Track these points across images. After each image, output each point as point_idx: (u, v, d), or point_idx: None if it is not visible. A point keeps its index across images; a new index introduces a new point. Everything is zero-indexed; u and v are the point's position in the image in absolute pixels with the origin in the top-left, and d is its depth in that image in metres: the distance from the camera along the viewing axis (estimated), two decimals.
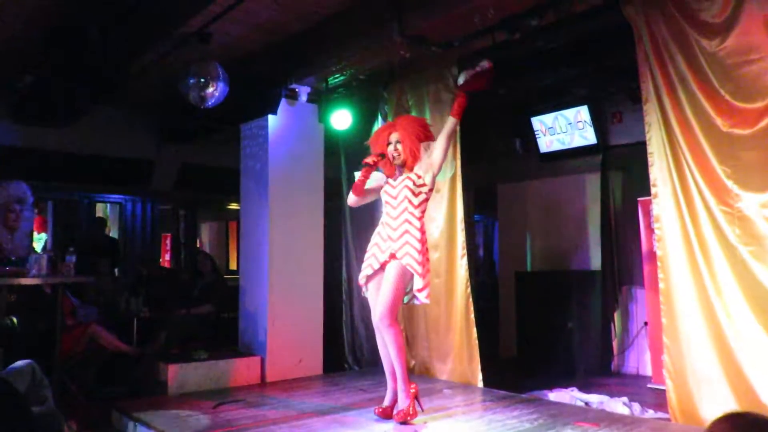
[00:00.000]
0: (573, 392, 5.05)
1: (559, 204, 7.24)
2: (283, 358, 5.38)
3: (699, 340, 3.67)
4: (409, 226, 3.79)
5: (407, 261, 3.72)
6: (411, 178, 3.84)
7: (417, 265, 3.70)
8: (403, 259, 3.72)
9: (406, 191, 3.83)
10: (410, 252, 3.73)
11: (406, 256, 3.72)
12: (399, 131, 3.90)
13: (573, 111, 6.66)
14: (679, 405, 3.78)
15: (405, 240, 3.76)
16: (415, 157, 3.88)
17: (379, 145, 3.95)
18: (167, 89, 5.39)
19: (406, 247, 3.74)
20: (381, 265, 3.85)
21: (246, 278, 5.72)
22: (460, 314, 5.18)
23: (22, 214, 4.84)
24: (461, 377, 5.15)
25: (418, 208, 3.83)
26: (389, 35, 4.43)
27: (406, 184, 3.84)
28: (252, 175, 5.70)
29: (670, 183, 3.81)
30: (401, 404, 3.81)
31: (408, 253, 3.72)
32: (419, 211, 3.84)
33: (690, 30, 3.68)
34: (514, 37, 4.32)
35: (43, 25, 4.85)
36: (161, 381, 4.83)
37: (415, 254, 3.72)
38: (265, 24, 4.78)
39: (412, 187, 3.82)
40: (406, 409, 3.78)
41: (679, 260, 3.78)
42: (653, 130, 3.90)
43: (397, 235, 3.80)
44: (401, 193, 3.85)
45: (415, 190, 3.82)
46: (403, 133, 3.88)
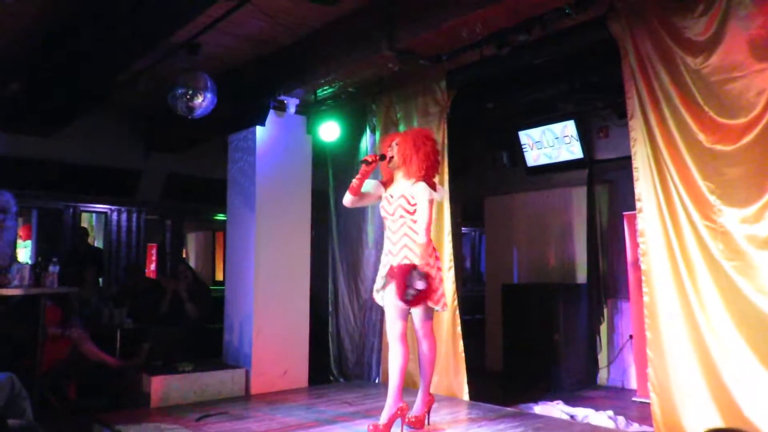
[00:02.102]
0: (559, 405, 5.06)
1: (546, 217, 7.28)
2: (268, 370, 5.34)
3: (683, 354, 3.69)
4: (408, 240, 3.80)
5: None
6: (406, 198, 3.84)
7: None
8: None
9: (401, 210, 3.85)
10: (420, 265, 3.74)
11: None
12: (401, 137, 4.01)
13: (560, 125, 6.73)
14: (663, 418, 3.78)
15: (404, 254, 3.78)
16: (408, 162, 3.87)
17: (382, 148, 4.05)
18: (155, 99, 5.38)
19: (406, 261, 3.75)
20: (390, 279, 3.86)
21: (231, 289, 5.69)
22: (447, 327, 5.17)
23: (6, 224, 4.79)
24: (447, 390, 5.13)
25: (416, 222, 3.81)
26: (378, 48, 4.46)
27: (400, 203, 3.86)
28: (239, 186, 5.68)
29: (655, 198, 3.84)
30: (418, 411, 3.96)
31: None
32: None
33: (675, 47, 3.74)
34: (501, 51, 4.36)
35: (29, 35, 4.83)
36: (144, 393, 4.77)
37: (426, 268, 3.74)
38: (253, 35, 4.80)
39: (406, 206, 3.84)
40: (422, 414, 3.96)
41: (663, 274, 3.80)
42: (638, 146, 3.94)
43: (396, 249, 3.83)
44: (397, 211, 3.87)
45: (410, 209, 3.83)
46: (403, 138, 3.98)
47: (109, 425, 4.12)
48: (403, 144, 3.92)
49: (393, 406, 3.79)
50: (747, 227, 3.46)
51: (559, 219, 7.16)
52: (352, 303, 6.13)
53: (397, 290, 3.64)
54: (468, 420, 4.35)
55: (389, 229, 3.91)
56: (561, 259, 7.11)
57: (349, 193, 3.98)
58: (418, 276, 3.60)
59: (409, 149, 3.88)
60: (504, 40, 4.31)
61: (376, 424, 3.75)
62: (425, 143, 3.92)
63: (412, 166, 3.88)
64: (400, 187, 3.92)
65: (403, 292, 3.59)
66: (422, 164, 3.87)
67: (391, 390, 3.81)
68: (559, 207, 7.17)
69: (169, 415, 4.35)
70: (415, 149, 3.88)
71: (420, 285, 3.59)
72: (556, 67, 5.18)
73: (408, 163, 3.89)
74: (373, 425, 3.76)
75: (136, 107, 6.64)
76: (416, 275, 3.60)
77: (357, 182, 3.93)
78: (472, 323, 7.12)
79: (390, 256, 3.85)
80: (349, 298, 6.15)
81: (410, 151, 3.88)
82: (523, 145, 7.07)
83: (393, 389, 3.80)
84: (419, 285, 3.58)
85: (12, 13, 4.44)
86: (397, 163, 3.93)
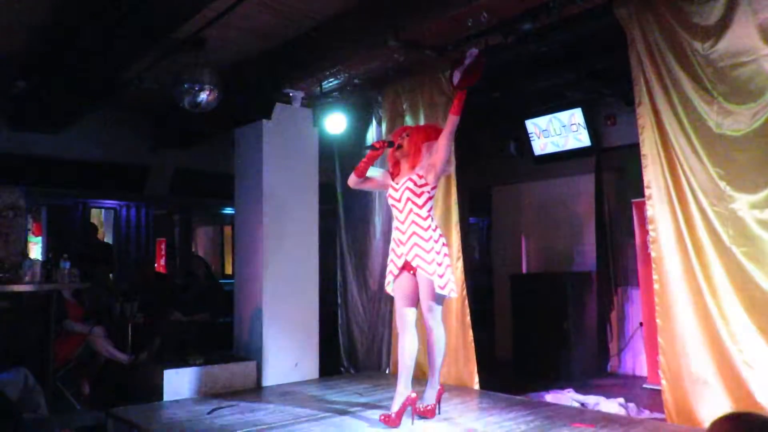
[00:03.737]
0: (569, 393, 5.06)
1: (554, 206, 7.26)
2: (278, 362, 5.36)
3: (694, 341, 3.68)
4: (416, 227, 3.81)
5: (417, 263, 3.77)
6: (412, 179, 3.85)
7: (427, 265, 3.74)
8: (413, 261, 3.78)
9: (408, 193, 3.85)
10: (419, 254, 3.77)
11: (416, 258, 3.78)
12: (415, 129, 4.09)
13: (567, 114, 6.69)
14: (674, 405, 3.79)
15: (413, 242, 3.80)
16: (417, 151, 3.90)
17: (394, 137, 4.06)
18: (161, 94, 5.38)
19: (414, 249, 3.78)
20: (399, 269, 3.90)
21: (241, 283, 5.71)
22: (456, 316, 5.18)
23: (15, 221, 4.82)
24: (457, 379, 5.14)
25: (423, 208, 3.83)
26: (383, 40, 4.44)
27: (407, 185, 3.85)
28: (246, 180, 5.69)
29: (664, 184, 3.82)
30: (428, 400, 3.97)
31: (417, 255, 3.77)
32: (425, 210, 3.84)
33: (682, 32, 3.71)
34: (507, 40, 4.33)
35: (36, 32, 4.84)
36: (156, 386, 4.80)
37: (424, 255, 3.75)
38: (259, 29, 4.79)
39: (413, 188, 3.83)
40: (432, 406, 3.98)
41: (673, 261, 3.79)
42: (646, 132, 3.92)
43: (405, 238, 3.84)
44: (404, 195, 3.87)
45: (417, 190, 3.83)
46: (416, 130, 4.05)
47: (122, 419, 4.16)
48: (416, 136, 3.96)
49: (403, 395, 3.81)
50: (757, 212, 3.44)
51: (567, 208, 7.14)
52: (360, 294, 6.14)
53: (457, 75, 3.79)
54: (479, 409, 4.37)
55: (397, 219, 3.92)
56: (569, 248, 7.10)
57: (353, 174, 4.01)
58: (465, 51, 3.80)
59: (421, 139, 3.92)
60: (509, 28, 4.28)
61: (388, 414, 3.78)
62: (436, 138, 3.93)
63: (418, 157, 3.90)
64: (406, 175, 3.93)
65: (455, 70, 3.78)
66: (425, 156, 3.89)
67: (401, 379, 3.83)
68: (566, 195, 7.15)
69: (181, 408, 4.39)
70: (427, 140, 3.91)
71: (474, 50, 3.76)
72: (563, 54, 5.14)
73: (415, 153, 3.91)
74: (384, 415, 3.78)
75: (143, 103, 6.65)
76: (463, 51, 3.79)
77: (363, 165, 3.96)
78: (481, 313, 7.12)
79: (401, 247, 3.86)
80: (358, 289, 6.17)
81: (421, 141, 3.91)
82: (530, 134, 7.04)
83: (403, 379, 3.82)
84: (473, 51, 3.76)
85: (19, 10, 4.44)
86: (405, 152, 3.94)
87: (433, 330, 3.88)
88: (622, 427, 3.75)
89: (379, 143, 4.00)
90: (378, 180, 4.07)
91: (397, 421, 3.76)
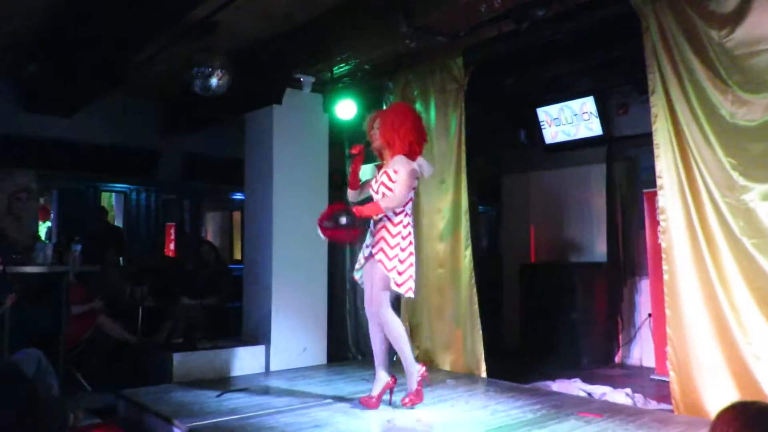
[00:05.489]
0: (576, 383, 5.06)
1: (564, 195, 7.22)
2: (286, 347, 5.40)
3: (703, 332, 3.67)
4: (387, 221, 3.80)
5: (379, 257, 3.76)
6: (388, 174, 3.82)
7: (388, 261, 3.73)
8: (377, 255, 3.78)
9: (383, 188, 3.84)
10: (383, 248, 3.77)
11: (379, 252, 3.77)
12: (381, 116, 3.95)
13: (579, 102, 6.64)
14: (682, 396, 3.78)
15: (381, 235, 3.80)
16: (391, 142, 3.83)
17: (368, 129, 4.00)
18: (173, 79, 5.39)
19: (380, 243, 3.78)
20: (365, 259, 3.92)
21: (250, 268, 5.73)
22: (464, 305, 5.19)
23: (29, 203, 4.86)
24: (464, 368, 5.16)
25: None
26: (395, 25, 4.41)
27: (382, 180, 3.84)
28: (256, 165, 5.69)
29: (676, 175, 3.79)
30: (411, 386, 3.91)
31: (381, 249, 3.77)
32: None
33: (698, 20, 3.66)
34: (520, 27, 4.30)
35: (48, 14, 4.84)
36: (166, 369, 4.85)
37: (387, 250, 3.75)
38: (270, 13, 4.77)
39: (387, 183, 3.82)
40: (415, 391, 3.89)
41: (683, 252, 3.77)
42: (659, 122, 3.88)
43: (375, 230, 3.85)
44: (380, 188, 3.86)
45: (391, 185, 3.80)
46: (383, 118, 3.92)
47: (133, 401, 4.21)
48: (383, 124, 3.86)
49: (383, 379, 3.89)
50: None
51: (577, 197, 7.10)
52: None
53: (319, 218, 3.71)
54: (485, 397, 4.38)
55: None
56: (579, 238, 7.07)
57: (349, 188, 3.99)
58: (346, 213, 3.66)
59: (389, 129, 3.83)
60: (523, 15, 4.25)
61: (368, 396, 3.86)
62: (405, 119, 3.85)
63: (394, 147, 3.83)
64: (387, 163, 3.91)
65: (324, 218, 3.68)
66: (405, 141, 3.80)
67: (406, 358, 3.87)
68: (577, 185, 7.10)
69: (191, 391, 4.43)
70: (396, 128, 3.81)
71: (344, 220, 3.64)
72: (576, 42, 5.09)
73: (391, 144, 3.84)
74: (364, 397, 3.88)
75: (154, 87, 6.65)
76: (345, 212, 3.66)
77: (352, 177, 3.91)
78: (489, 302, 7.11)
79: (371, 238, 3.87)
80: None
81: (391, 131, 3.82)
82: (541, 122, 7.00)
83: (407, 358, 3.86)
84: (343, 220, 3.64)
85: None
86: (380, 146, 3.89)
87: (386, 323, 3.83)
88: (629, 417, 3.75)
89: (356, 148, 3.90)
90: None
91: (377, 403, 3.85)
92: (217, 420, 3.69)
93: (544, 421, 3.67)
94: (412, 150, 3.85)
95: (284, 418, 3.74)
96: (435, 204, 5.47)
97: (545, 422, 3.63)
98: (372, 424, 3.64)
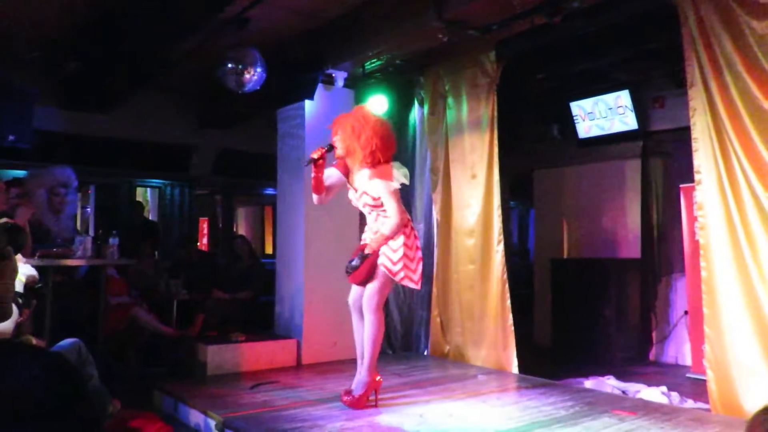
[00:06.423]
0: (610, 380, 5.00)
1: (598, 191, 7.13)
2: (318, 341, 5.43)
3: (742, 331, 3.60)
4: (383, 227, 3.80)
5: (382, 260, 3.76)
6: (367, 193, 3.77)
7: (392, 265, 3.73)
8: (380, 259, 3.77)
9: (368, 208, 3.85)
10: (385, 251, 3.76)
11: (381, 255, 3.77)
12: (341, 123, 3.81)
13: (613, 96, 6.53)
14: (720, 395, 3.71)
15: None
16: (351, 151, 3.74)
17: (332, 134, 3.87)
18: (206, 75, 5.45)
19: (383, 248, 3.76)
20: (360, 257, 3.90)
21: (282, 262, 5.78)
22: (496, 300, 5.16)
23: (67, 198, 4.97)
24: (496, 363, 5.13)
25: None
26: (427, 19, 4.40)
27: (365, 201, 3.82)
28: (288, 160, 5.73)
29: (715, 169, 3.72)
30: (356, 390, 3.84)
31: (383, 253, 3.76)
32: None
33: (739, 11, 3.57)
34: (554, 20, 4.24)
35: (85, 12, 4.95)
36: (200, 362, 4.93)
37: (390, 254, 3.74)
38: (302, 9, 4.79)
39: (370, 202, 3.80)
40: (358, 396, 3.81)
41: (722, 248, 3.69)
42: (698, 115, 3.80)
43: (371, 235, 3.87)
44: (365, 206, 3.85)
45: (375, 203, 3.79)
46: (342, 125, 3.79)
47: (168, 392, 4.29)
48: (342, 132, 3.75)
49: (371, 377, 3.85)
50: None
51: (611, 192, 7.00)
52: None
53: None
54: (517, 393, 4.36)
55: (366, 218, 3.93)
56: (612, 234, 6.97)
57: (313, 193, 3.88)
58: (359, 256, 3.77)
59: (348, 137, 3.72)
60: (556, 8, 4.19)
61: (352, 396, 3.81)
62: (364, 128, 3.71)
63: (356, 156, 3.74)
64: (359, 177, 3.82)
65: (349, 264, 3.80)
66: (365, 151, 3.69)
67: (368, 361, 3.84)
68: (611, 180, 7.00)
69: (224, 383, 4.50)
70: (355, 136, 3.71)
71: (354, 262, 3.77)
72: (610, 34, 5.01)
73: (351, 153, 3.76)
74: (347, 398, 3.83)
75: (188, 84, 6.75)
76: (359, 255, 3.78)
77: (315, 181, 3.79)
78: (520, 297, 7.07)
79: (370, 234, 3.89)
80: None
81: (350, 140, 3.72)
82: (575, 117, 6.90)
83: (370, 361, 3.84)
84: (354, 262, 3.78)
85: None
86: (343, 153, 3.79)
87: (375, 324, 3.83)
88: (664, 415, 3.69)
89: (317, 153, 3.74)
90: (337, 183, 3.94)
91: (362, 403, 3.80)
92: (250, 412, 3.74)
93: (578, 418, 3.63)
94: (375, 159, 3.71)
95: (316, 411, 3.78)
96: (466, 199, 5.44)
97: (578, 419, 3.59)
98: (404, 419, 3.64)
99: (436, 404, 3.92)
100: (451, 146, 5.58)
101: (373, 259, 3.75)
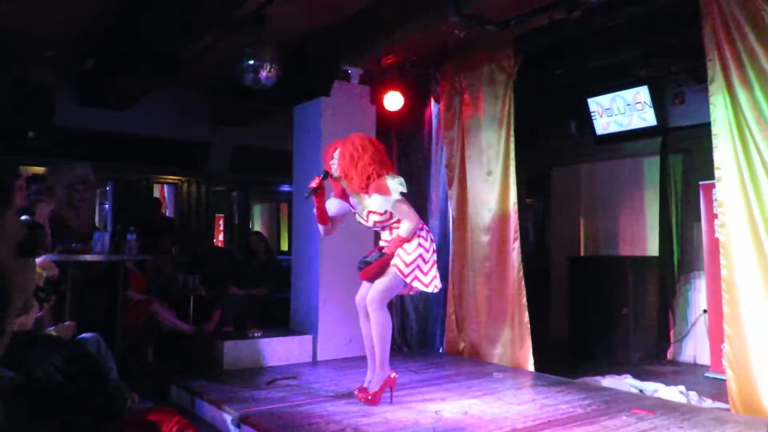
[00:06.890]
0: (627, 379, 4.95)
1: (616, 188, 7.06)
2: (333, 337, 5.45)
3: (763, 329, 3.55)
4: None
5: (395, 261, 3.82)
6: (373, 212, 3.86)
7: (404, 266, 3.79)
8: (393, 260, 3.83)
9: (380, 226, 3.94)
10: (400, 253, 3.82)
11: (396, 257, 3.83)
12: (340, 149, 3.91)
13: (632, 92, 6.45)
14: (740, 395, 3.67)
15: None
16: (349, 177, 3.83)
17: (325, 162, 3.98)
18: (223, 72, 5.47)
19: (398, 250, 3.84)
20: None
21: (298, 259, 5.80)
22: (512, 298, 5.14)
23: (86, 194, 5.01)
24: (512, 361, 5.11)
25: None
26: (445, 15, 4.38)
27: (375, 219, 3.89)
28: (304, 157, 5.74)
29: (736, 166, 3.66)
30: (372, 387, 3.89)
31: (398, 254, 3.82)
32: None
33: (763, 5, 3.51)
34: (572, 15, 4.20)
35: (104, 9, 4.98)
36: (216, 357, 4.96)
37: (404, 256, 3.80)
38: (319, 5, 4.79)
39: (380, 219, 3.88)
40: (373, 393, 3.86)
41: (743, 246, 3.64)
42: (719, 111, 3.75)
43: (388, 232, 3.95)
44: (376, 224, 3.93)
45: (385, 217, 3.86)
46: (341, 151, 3.88)
47: (186, 387, 4.33)
48: (342, 157, 3.85)
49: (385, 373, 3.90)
50: None
51: (629, 189, 6.94)
52: None
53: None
54: (533, 391, 4.34)
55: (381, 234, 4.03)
56: (630, 231, 6.90)
57: (319, 224, 4.01)
58: (375, 254, 3.87)
59: (347, 164, 3.82)
60: (574, 2, 4.15)
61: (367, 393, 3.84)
62: (363, 154, 3.81)
63: (354, 181, 3.83)
64: (359, 200, 3.92)
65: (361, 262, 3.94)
66: (362, 177, 3.79)
67: (380, 359, 3.90)
68: (629, 177, 6.93)
69: (241, 378, 4.53)
70: (353, 163, 3.81)
71: (368, 258, 3.90)
72: (629, 30, 4.94)
73: (349, 179, 3.85)
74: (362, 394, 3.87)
75: (205, 80, 6.78)
76: (375, 253, 3.88)
77: (318, 213, 3.92)
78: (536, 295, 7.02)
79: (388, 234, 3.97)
80: None
81: (348, 166, 3.82)
82: (592, 113, 6.83)
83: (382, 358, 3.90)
84: (368, 258, 3.91)
85: None
86: (341, 178, 3.89)
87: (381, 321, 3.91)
88: (683, 415, 3.65)
89: (315, 182, 3.82)
90: (339, 212, 4.05)
91: (377, 400, 3.84)
92: (266, 407, 3.76)
93: (595, 416, 3.60)
94: (371, 182, 3.81)
95: (332, 406, 3.79)
96: (482, 197, 5.42)
97: (596, 418, 3.57)
98: (420, 415, 3.64)
99: (451, 402, 3.91)
100: (467, 143, 5.56)
101: (387, 259, 3.84)
